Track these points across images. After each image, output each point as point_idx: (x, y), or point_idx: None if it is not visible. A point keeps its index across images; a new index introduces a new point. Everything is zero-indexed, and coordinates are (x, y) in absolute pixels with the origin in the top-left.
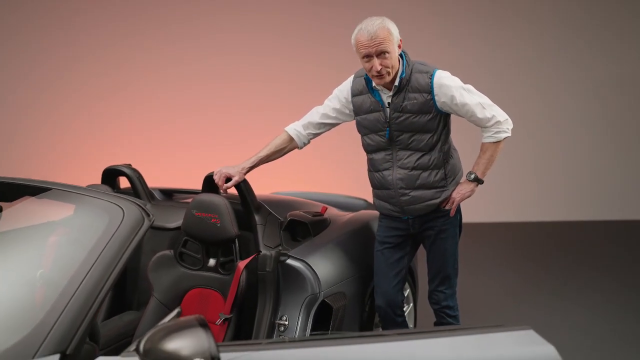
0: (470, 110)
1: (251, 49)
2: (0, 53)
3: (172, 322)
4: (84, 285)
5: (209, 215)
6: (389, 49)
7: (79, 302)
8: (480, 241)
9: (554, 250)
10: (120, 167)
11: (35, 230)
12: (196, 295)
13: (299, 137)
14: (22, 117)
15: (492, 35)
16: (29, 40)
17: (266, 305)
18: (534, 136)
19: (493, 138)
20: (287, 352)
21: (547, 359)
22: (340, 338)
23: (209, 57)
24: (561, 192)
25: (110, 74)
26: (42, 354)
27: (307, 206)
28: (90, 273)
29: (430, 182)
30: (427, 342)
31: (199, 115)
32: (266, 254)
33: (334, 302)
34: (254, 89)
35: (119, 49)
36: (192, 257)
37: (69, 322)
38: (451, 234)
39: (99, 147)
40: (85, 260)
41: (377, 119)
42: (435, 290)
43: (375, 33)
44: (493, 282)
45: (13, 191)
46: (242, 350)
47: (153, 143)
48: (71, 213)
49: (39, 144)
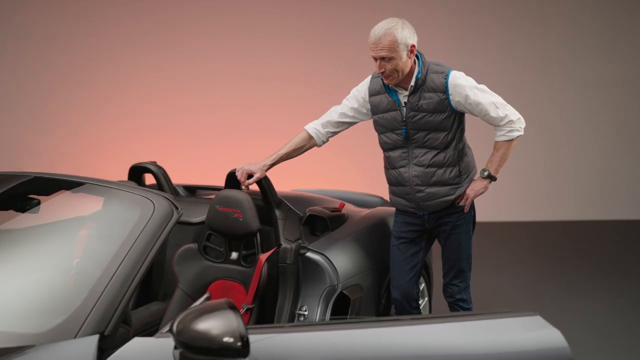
0: (483, 109)
1: (274, 49)
2: (27, 50)
3: (203, 304)
4: (119, 272)
5: (231, 210)
6: (392, 55)
7: (115, 288)
8: (495, 240)
9: (567, 249)
10: (146, 164)
11: (71, 222)
12: (219, 286)
13: (318, 136)
14: (55, 115)
15: (505, 36)
16: (54, 36)
17: (287, 296)
18: (545, 136)
19: (506, 137)
20: (309, 335)
21: (553, 342)
22: (357, 322)
23: (233, 56)
24: (574, 192)
25: (137, 74)
26: (83, 334)
27: (325, 202)
28: (125, 261)
29: (445, 179)
30: (438, 326)
31: (222, 114)
32: (286, 247)
33: (352, 294)
34: (275, 88)
35: (146, 47)
36: (216, 250)
37: (106, 306)
38: (465, 230)
39: (124, 145)
40: (119, 250)
41: (394, 117)
42: (450, 284)
43: (379, 39)
44: (506, 279)
45: (50, 186)
46: (267, 332)
47: (177, 141)
48: (104, 206)
49: (67, 142)
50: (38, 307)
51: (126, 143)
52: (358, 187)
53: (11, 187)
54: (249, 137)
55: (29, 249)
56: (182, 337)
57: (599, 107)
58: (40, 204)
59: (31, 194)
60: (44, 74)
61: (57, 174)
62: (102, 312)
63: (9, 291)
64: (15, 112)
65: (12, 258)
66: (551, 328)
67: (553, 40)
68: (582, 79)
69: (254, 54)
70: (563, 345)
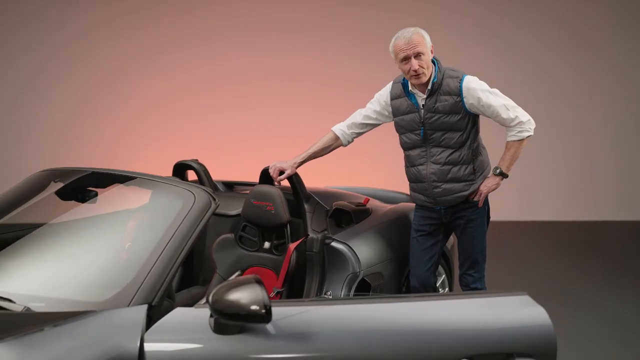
0: (495, 111)
1: (307, 50)
2: (74, 52)
3: (235, 279)
4: (164, 254)
5: (264, 203)
6: (424, 51)
7: (161, 266)
8: (515, 238)
9: (587, 248)
10: (188, 161)
11: (123, 211)
12: (253, 272)
13: (344, 136)
14: (102, 116)
15: (523, 38)
16: (102, 40)
17: (313, 282)
18: (563, 138)
19: (516, 137)
20: (318, 308)
21: (538, 318)
22: (361, 299)
23: (269, 58)
24: (594, 192)
25: (180, 77)
26: (135, 304)
27: (351, 198)
28: (169, 245)
29: (460, 176)
30: (436, 303)
31: (258, 115)
32: (313, 237)
33: (373, 281)
34: (309, 89)
35: (185, 51)
36: (250, 240)
37: (153, 282)
38: (479, 224)
39: (170, 144)
40: (164, 235)
41: (412, 119)
42: (465, 274)
43: (411, 38)
44: (524, 276)
45: (105, 180)
46: (290, 305)
47: (218, 141)
48: (151, 198)
49: (113, 140)
50: (98, 280)
51: (171, 142)
52: (385, 185)
53: (72, 181)
54: (283, 136)
55: (88, 235)
56: (216, 305)
57: (619, 107)
58: (97, 196)
59: (90, 187)
60: (93, 79)
61: (111, 169)
62: (150, 286)
63: (74, 267)
64: (70, 114)
65: (76, 241)
66: (536, 306)
67: (575, 42)
68: (603, 79)
69: (289, 55)
70: (547, 322)
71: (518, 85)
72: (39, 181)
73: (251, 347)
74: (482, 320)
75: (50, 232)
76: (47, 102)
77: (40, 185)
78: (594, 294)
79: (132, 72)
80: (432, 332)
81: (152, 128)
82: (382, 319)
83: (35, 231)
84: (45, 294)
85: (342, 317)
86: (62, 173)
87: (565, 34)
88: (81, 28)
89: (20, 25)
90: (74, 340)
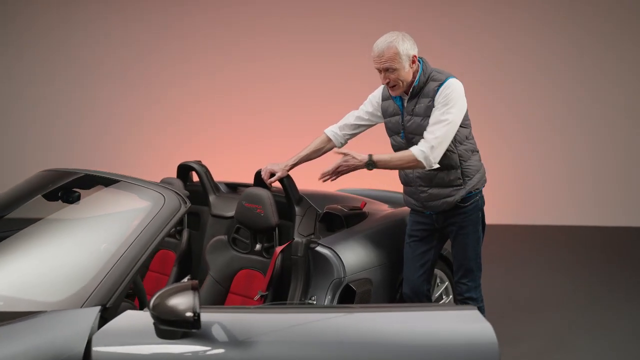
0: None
1: (311, 53)
2: (74, 53)
3: (174, 285)
4: (125, 255)
5: (254, 206)
6: (396, 67)
7: (120, 268)
8: (535, 243)
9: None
10: (191, 163)
11: (93, 213)
12: (244, 275)
13: (336, 138)
14: (109, 116)
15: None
16: (108, 44)
17: (297, 286)
18: (594, 145)
19: (417, 151)
20: (267, 316)
21: (483, 335)
22: (302, 307)
23: (272, 61)
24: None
25: (186, 79)
26: (88, 305)
27: (348, 201)
28: (131, 247)
29: (447, 181)
30: (379, 314)
31: (264, 117)
32: (298, 241)
33: (358, 287)
34: (313, 91)
35: (191, 53)
36: (243, 242)
37: (110, 284)
38: (472, 231)
39: (177, 144)
40: (129, 236)
41: (397, 121)
42: (459, 282)
43: (382, 52)
44: (540, 284)
45: (93, 182)
46: (223, 312)
47: (225, 141)
48: (122, 200)
49: (122, 140)
50: (56, 281)
51: (181, 143)
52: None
53: (63, 183)
54: (292, 137)
55: (54, 235)
56: (154, 311)
57: None
58: (80, 198)
59: (75, 188)
60: (91, 79)
61: (103, 172)
62: (106, 288)
63: (36, 268)
64: (73, 114)
65: (42, 242)
66: (484, 322)
67: (602, 45)
68: (629, 81)
69: (293, 57)
70: (492, 339)
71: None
72: (39, 180)
73: (190, 354)
74: (423, 335)
75: (21, 232)
76: (55, 103)
77: (39, 185)
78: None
79: (137, 76)
80: (368, 344)
81: (159, 130)
82: (320, 329)
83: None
84: (5, 292)
85: (281, 326)
86: (58, 174)
87: (565, 36)
88: (81, 29)
89: (20, 26)
90: (19, 340)
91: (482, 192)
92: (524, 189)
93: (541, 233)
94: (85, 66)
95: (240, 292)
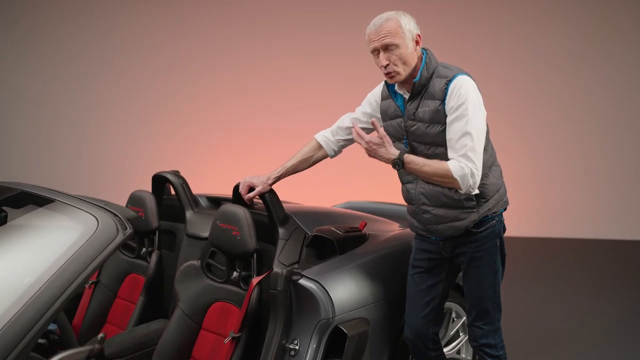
0: (451, 130)
1: (304, 55)
2: (72, 55)
3: (73, 352)
4: (36, 298)
5: (230, 227)
6: (397, 42)
7: (29, 314)
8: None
9: None
10: (166, 173)
11: (21, 238)
12: (218, 309)
13: (328, 144)
14: (85, 122)
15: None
16: (102, 48)
17: (277, 327)
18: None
19: (454, 166)
20: None
21: None
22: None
23: (263, 64)
24: None
25: (167, 84)
26: None
27: (346, 220)
28: (44, 289)
29: (456, 201)
30: None
31: (254, 122)
32: (277, 272)
33: (350, 329)
34: (310, 97)
35: (171, 56)
36: (218, 269)
37: (13, 334)
38: (487, 262)
39: (161, 153)
40: (45, 272)
41: (399, 125)
42: (473, 325)
43: (381, 25)
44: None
45: (22, 199)
46: None
47: (210, 149)
48: (50, 223)
49: (97, 149)
50: None
51: (164, 151)
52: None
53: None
54: (287, 145)
55: None
56: None
57: None
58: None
59: (4, 207)
60: (93, 86)
61: (41, 187)
62: (8, 339)
63: None
64: (35, 122)
65: None
66: None
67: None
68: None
69: (290, 62)
70: None
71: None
72: None
73: None
74: None
75: None
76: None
77: None
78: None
79: (133, 79)
80: None
81: (152, 135)
82: None
83: None
84: None
85: None
86: None
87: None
88: (79, 32)
89: (22, 26)
90: None
91: (502, 216)
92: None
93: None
94: (74, 70)
95: (213, 330)
